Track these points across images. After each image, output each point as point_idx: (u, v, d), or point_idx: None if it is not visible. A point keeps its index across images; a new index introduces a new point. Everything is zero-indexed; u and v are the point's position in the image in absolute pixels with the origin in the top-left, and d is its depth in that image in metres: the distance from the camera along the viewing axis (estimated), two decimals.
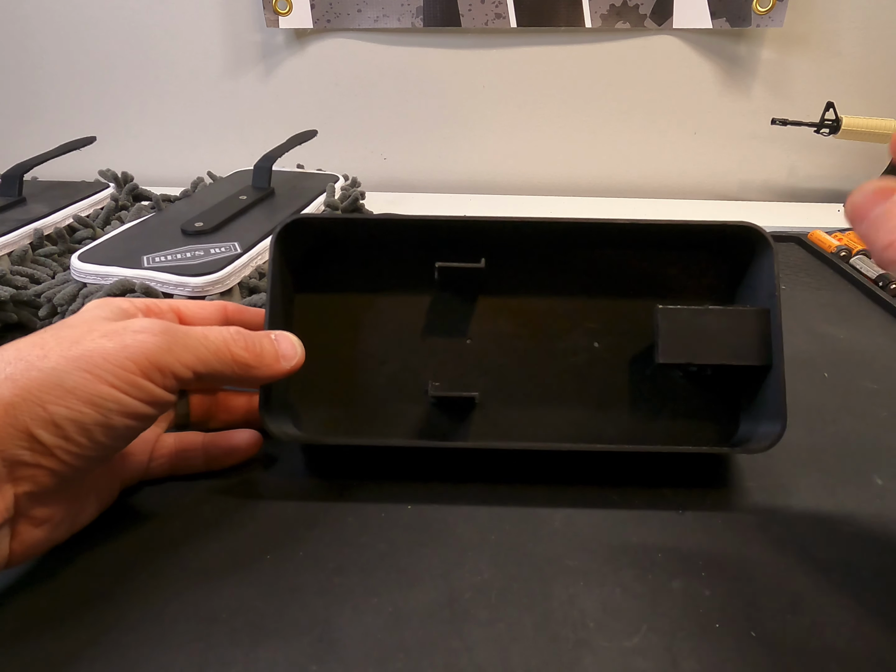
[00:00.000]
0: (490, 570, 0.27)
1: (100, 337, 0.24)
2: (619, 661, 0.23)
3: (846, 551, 0.28)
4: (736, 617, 0.25)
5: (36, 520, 0.23)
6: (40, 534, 0.24)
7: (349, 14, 0.73)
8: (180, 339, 0.25)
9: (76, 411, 0.22)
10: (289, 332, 0.30)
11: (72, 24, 0.76)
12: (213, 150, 0.83)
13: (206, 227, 0.48)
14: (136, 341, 0.24)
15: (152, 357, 0.24)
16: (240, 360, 0.27)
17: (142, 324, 0.25)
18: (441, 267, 0.32)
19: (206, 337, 0.26)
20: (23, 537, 0.23)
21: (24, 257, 0.48)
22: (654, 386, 0.33)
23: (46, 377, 0.22)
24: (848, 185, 0.80)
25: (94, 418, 0.22)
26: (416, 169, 0.83)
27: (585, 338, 0.34)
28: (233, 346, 0.26)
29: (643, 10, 0.72)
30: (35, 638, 0.24)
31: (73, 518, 0.25)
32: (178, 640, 0.23)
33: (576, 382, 0.34)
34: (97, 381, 0.22)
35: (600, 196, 0.81)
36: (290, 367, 0.28)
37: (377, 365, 0.34)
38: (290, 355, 0.29)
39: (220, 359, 0.26)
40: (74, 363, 0.22)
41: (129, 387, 0.23)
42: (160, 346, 0.24)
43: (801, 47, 0.74)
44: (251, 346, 0.27)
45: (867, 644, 0.24)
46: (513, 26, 0.73)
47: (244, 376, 0.27)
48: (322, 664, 0.23)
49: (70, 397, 0.22)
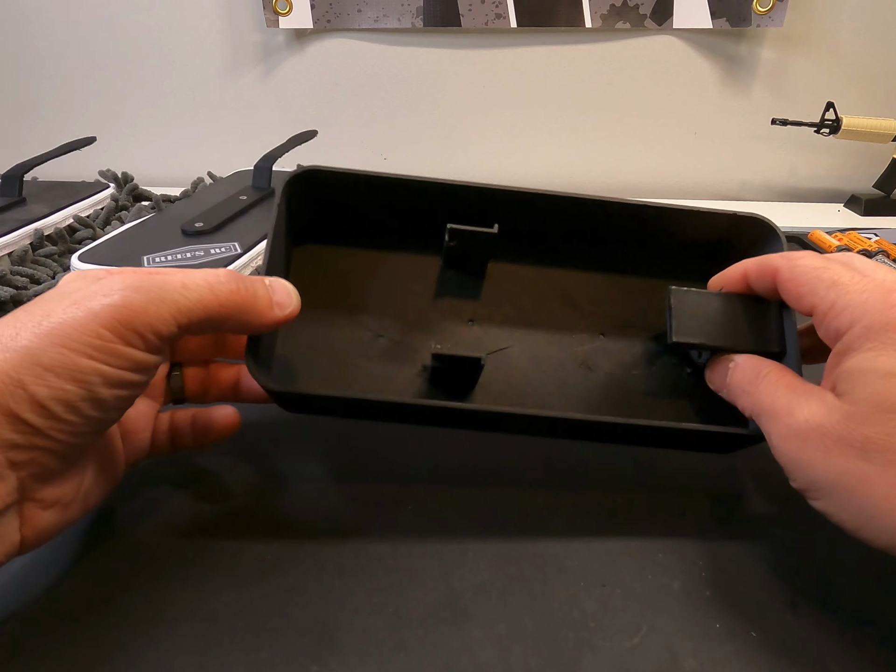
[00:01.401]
0: (490, 570, 0.27)
1: (69, 306, 0.22)
2: (619, 661, 0.23)
3: (846, 551, 0.28)
4: (736, 617, 0.25)
5: (44, 502, 0.23)
6: (50, 516, 0.23)
7: (349, 14, 0.73)
8: (155, 293, 0.23)
9: (58, 390, 0.21)
10: (284, 280, 0.27)
11: (72, 24, 0.76)
12: (213, 150, 0.83)
13: (206, 227, 0.48)
14: (105, 306, 0.22)
15: (126, 320, 0.22)
16: (228, 304, 0.24)
17: (112, 284, 0.22)
18: (452, 229, 0.30)
19: (186, 286, 0.23)
20: (33, 522, 0.22)
21: (24, 257, 0.48)
22: (662, 383, 0.33)
23: (21, 357, 0.20)
24: (848, 185, 0.80)
25: (78, 394, 0.21)
26: (416, 169, 0.83)
27: (592, 327, 0.33)
28: (219, 292, 0.24)
29: (643, 10, 0.72)
30: (35, 639, 0.24)
31: (83, 499, 0.24)
32: (178, 641, 0.23)
33: (580, 373, 0.32)
34: (75, 354, 0.21)
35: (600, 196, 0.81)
36: (284, 315, 0.26)
37: (373, 337, 0.32)
38: (285, 303, 0.26)
39: (205, 306, 0.24)
40: (48, 339, 0.21)
41: (108, 356, 0.21)
42: (133, 308, 0.22)
43: (801, 47, 0.74)
44: (241, 290, 0.25)
45: (867, 644, 0.24)
46: (513, 26, 0.73)
47: (235, 322, 0.25)
48: (322, 664, 0.23)
49: (49, 376, 0.20)
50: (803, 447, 0.23)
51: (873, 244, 0.59)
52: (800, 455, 0.23)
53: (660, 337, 0.34)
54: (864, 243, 0.59)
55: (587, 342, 0.33)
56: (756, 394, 0.26)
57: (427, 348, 0.32)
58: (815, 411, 0.23)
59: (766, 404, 0.25)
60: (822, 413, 0.23)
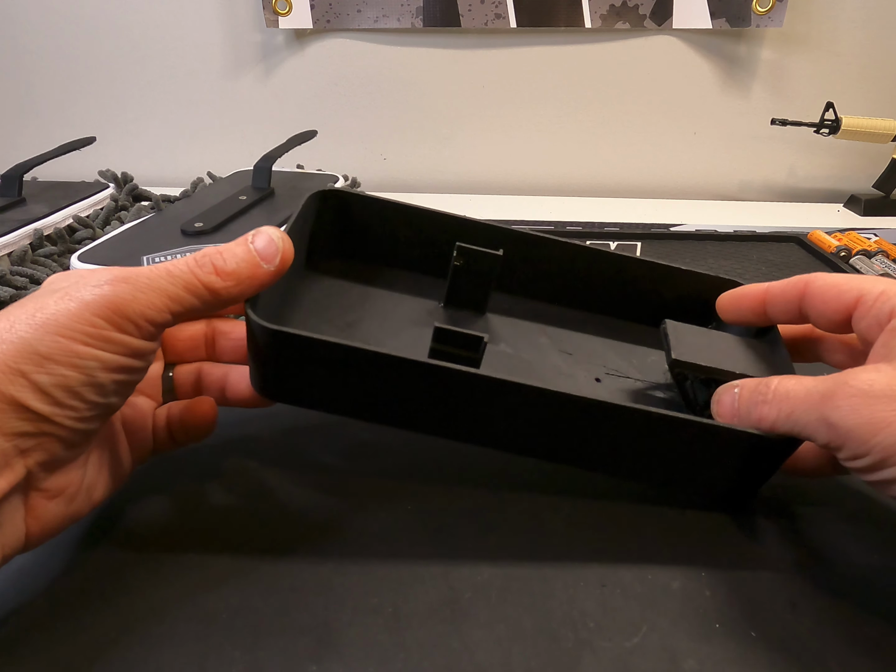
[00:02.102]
0: (490, 570, 0.27)
1: (61, 298, 0.22)
2: (619, 661, 0.23)
3: (846, 551, 0.28)
4: (736, 617, 0.25)
5: (49, 492, 0.23)
6: (55, 508, 0.23)
7: (349, 14, 0.73)
8: (142, 283, 0.23)
9: (59, 376, 0.21)
10: (269, 227, 0.26)
11: (72, 24, 0.76)
12: (213, 150, 0.83)
13: (205, 227, 0.48)
14: (96, 295, 0.22)
15: (117, 308, 0.22)
16: (213, 286, 0.24)
17: (99, 277, 0.23)
18: (461, 247, 0.32)
19: (170, 273, 0.24)
20: (38, 512, 0.23)
21: (23, 258, 0.48)
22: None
23: (18, 348, 0.21)
24: (848, 186, 0.80)
25: (78, 379, 0.22)
26: (416, 169, 0.83)
27: (589, 372, 0.34)
28: (200, 274, 0.24)
29: (643, 10, 0.72)
30: (35, 639, 0.23)
31: (87, 492, 0.25)
32: (178, 640, 0.23)
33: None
34: (71, 342, 0.22)
35: (600, 196, 0.81)
36: (274, 267, 0.25)
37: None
38: (270, 253, 0.25)
39: (193, 290, 0.24)
40: (42, 329, 0.21)
41: (103, 343, 0.22)
42: (122, 296, 0.22)
43: (800, 47, 0.74)
44: (221, 266, 0.24)
45: (867, 644, 0.24)
46: (513, 26, 0.73)
47: (227, 297, 0.25)
48: (322, 664, 0.23)
49: (48, 363, 0.21)
50: (875, 409, 0.22)
51: (873, 244, 0.59)
52: (873, 417, 0.22)
53: (655, 385, 0.34)
54: (863, 243, 0.59)
55: (583, 387, 0.33)
56: (781, 397, 0.25)
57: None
58: (876, 378, 0.23)
59: (802, 395, 0.24)
60: (886, 379, 0.23)
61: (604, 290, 0.36)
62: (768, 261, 0.59)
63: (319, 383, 0.27)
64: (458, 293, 0.34)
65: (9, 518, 0.22)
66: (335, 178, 0.65)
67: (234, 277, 0.25)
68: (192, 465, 0.32)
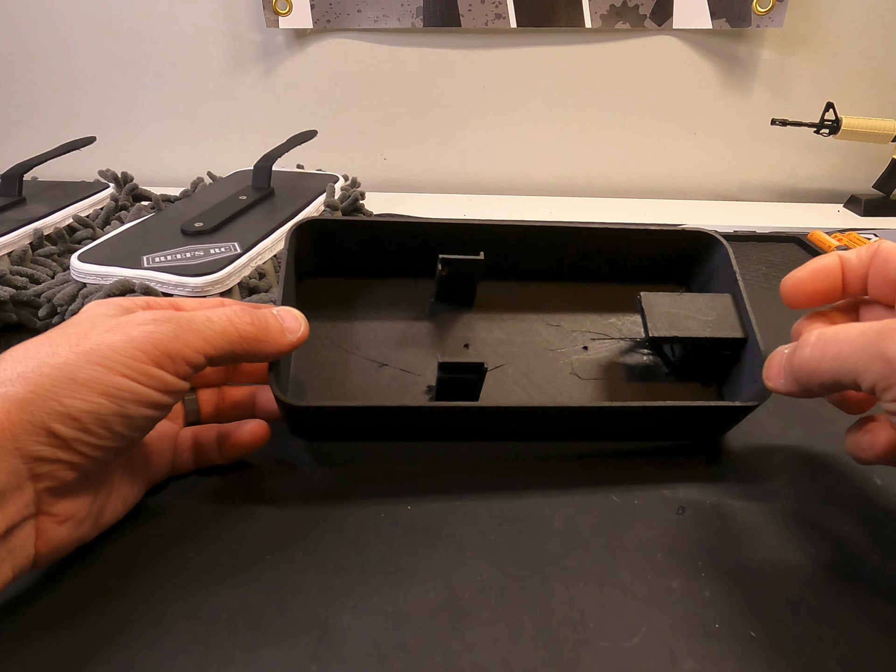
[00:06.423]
0: (490, 570, 0.27)
1: (105, 332, 0.24)
2: (619, 661, 0.23)
3: (846, 551, 0.28)
4: (736, 617, 0.25)
5: (59, 517, 0.24)
6: (64, 532, 0.24)
7: (349, 14, 0.73)
8: (185, 324, 0.25)
9: (92, 403, 0.22)
10: (291, 307, 0.30)
11: (72, 24, 0.76)
12: (213, 150, 0.83)
13: (205, 227, 0.48)
14: (142, 332, 0.24)
15: (160, 345, 0.24)
16: (246, 335, 0.27)
17: (144, 316, 0.25)
18: (444, 259, 0.34)
19: (210, 319, 0.26)
20: (47, 536, 0.23)
21: (23, 257, 0.48)
22: (643, 383, 0.36)
23: (59, 372, 0.22)
24: (848, 186, 0.80)
25: (110, 409, 0.23)
26: (416, 169, 0.83)
27: (576, 341, 0.37)
28: (238, 323, 0.27)
29: (643, 10, 0.72)
30: (35, 639, 0.24)
31: (96, 515, 0.26)
32: (178, 640, 0.23)
33: (570, 382, 0.36)
34: (109, 372, 0.23)
35: (600, 196, 0.81)
36: (296, 339, 0.29)
37: (378, 367, 0.35)
38: (294, 328, 0.29)
39: (228, 338, 0.26)
40: (85, 357, 0.23)
41: (141, 376, 0.24)
42: (166, 335, 0.24)
43: (800, 47, 0.74)
44: (255, 321, 0.27)
45: (867, 644, 0.24)
46: (513, 26, 0.73)
47: (253, 352, 0.27)
48: (322, 664, 0.23)
49: (84, 390, 0.22)
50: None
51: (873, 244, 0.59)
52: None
53: (637, 342, 0.38)
54: (863, 244, 0.59)
55: (573, 355, 0.36)
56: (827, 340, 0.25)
57: (429, 372, 0.35)
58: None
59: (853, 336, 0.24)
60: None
61: (580, 259, 0.38)
62: (768, 261, 0.59)
63: (341, 427, 0.32)
64: (447, 291, 0.37)
65: (20, 543, 0.22)
66: (335, 177, 0.65)
67: (263, 332, 0.28)
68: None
